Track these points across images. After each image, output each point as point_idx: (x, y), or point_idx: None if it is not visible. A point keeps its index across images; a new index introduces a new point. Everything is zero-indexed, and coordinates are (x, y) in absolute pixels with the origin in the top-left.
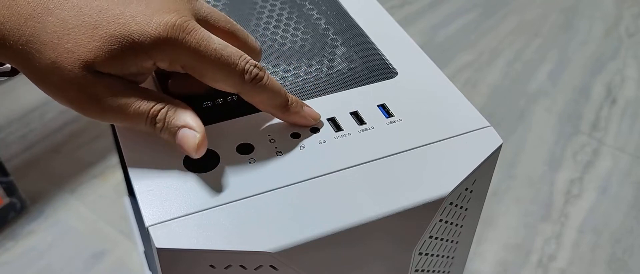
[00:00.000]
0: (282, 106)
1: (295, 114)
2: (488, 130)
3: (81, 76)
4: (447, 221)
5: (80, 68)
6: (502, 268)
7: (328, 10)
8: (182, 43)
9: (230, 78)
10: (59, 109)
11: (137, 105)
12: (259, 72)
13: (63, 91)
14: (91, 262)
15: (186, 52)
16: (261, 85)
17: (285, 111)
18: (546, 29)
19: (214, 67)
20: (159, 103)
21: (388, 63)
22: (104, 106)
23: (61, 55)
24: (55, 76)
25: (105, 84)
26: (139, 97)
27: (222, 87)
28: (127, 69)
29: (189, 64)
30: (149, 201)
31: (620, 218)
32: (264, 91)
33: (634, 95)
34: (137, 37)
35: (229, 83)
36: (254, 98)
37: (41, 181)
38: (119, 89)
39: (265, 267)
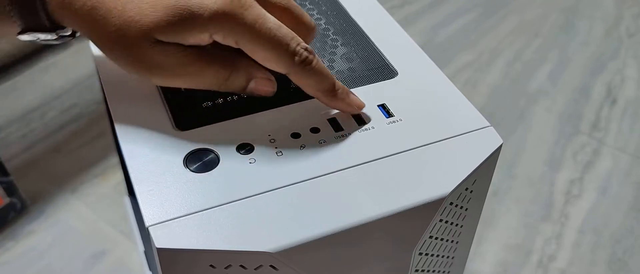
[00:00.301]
0: (329, 90)
1: (341, 101)
2: (488, 130)
3: (143, 44)
4: (447, 221)
5: (142, 37)
6: (502, 268)
7: (328, 11)
8: (238, 18)
9: (280, 59)
10: (60, 108)
11: (201, 70)
12: (309, 55)
13: (127, 58)
14: (91, 262)
15: (241, 28)
16: (310, 68)
17: (331, 96)
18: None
19: (266, 46)
20: (222, 67)
21: (388, 63)
22: (165, 72)
23: (125, 23)
24: (120, 44)
25: (165, 52)
26: (203, 63)
27: (271, 67)
28: (185, 39)
29: (243, 40)
30: (149, 201)
31: (621, 218)
32: (313, 75)
33: (634, 95)
34: (197, 9)
35: (279, 63)
36: (301, 81)
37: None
38: (179, 56)
39: (265, 267)
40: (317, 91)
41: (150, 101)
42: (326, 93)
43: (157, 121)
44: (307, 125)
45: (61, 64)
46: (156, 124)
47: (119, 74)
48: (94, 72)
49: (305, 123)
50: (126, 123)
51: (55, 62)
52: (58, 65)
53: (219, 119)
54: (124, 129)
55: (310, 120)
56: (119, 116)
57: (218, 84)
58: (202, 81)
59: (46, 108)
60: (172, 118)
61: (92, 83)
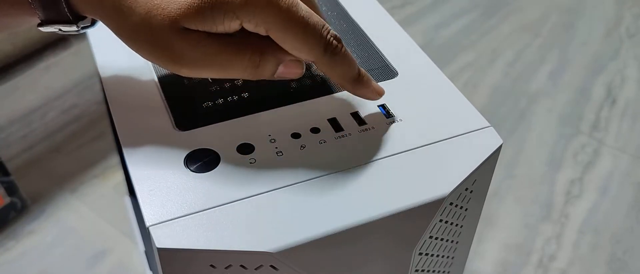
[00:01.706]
0: (355, 78)
1: (366, 88)
2: (488, 130)
3: (170, 33)
4: (447, 221)
5: (169, 25)
6: (502, 268)
7: (328, 11)
8: (273, 6)
9: (312, 47)
10: (61, 108)
11: (230, 59)
12: (338, 44)
13: (153, 48)
14: (92, 262)
15: (275, 16)
16: (339, 57)
17: (356, 83)
18: (547, 30)
19: (298, 34)
20: (252, 54)
21: (388, 63)
22: (193, 62)
23: (151, 11)
24: (145, 33)
25: (192, 41)
26: (232, 51)
27: (300, 55)
28: (213, 27)
29: (274, 28)
30: (149, 201)
31: (621, 218)
32: (341, 63)
33: (634, 95)
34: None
35: (310, 52)
36: (330, 69)
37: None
38: (207, 45)
39: (265, 267)
40: (344, 79)
41: (151, 101)
42: (352, 81)
43: (157, 121)
44: (307, 125)
45: (61, 64)
46: (157, 124)
47: (120, 74)
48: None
49: (305, 123)
50: (127, 123)
51: (55, 62)
52: (58, 66)
53: (219, 119)
54: (124, 129)
55: (310, 120)
56: (119, 116)
57: (248, 72)
58: (232, 71)
59: (47, 108)
60: (172, 118)
61: (93, 83)
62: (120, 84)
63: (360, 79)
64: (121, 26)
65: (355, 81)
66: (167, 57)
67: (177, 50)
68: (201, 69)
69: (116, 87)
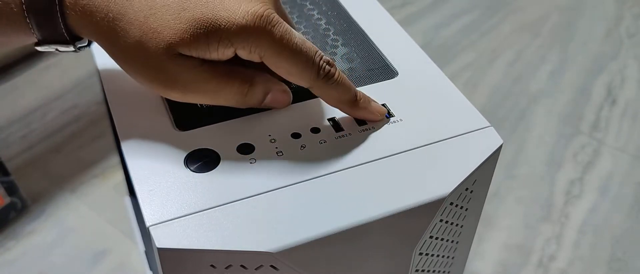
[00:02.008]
0: (351, 101)
1: (364, 110)
2: (488, 130)
3: (165, 57)
4: (448, 221)
5: (164, 49)
6: (502, 268)
7: (329, 11)
8: (267, 34)
9: (305, 73)
10: (61, 109)
11: (220, 87)
12: (331, 69)
13: (145, 71)
14: (92, 262)
15: (269, 44)
16: (333, 81)
17: (353, 106)
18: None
19: (292, 61)
20: (242, 83)
21: (388, 63)
22: (184, 87)
23: (146, 35)
24: (139, 56)
25: (185, 66)
26: (222, 79)
27: (295, 81)
28: (208, 54)
29: (268, 55)
30: (149, 201)
31: (621, 218)
32: (336, 88)
33: (635, 95)
34: (224, 24)
35: (303, 77)
36: (325, 93)
37: (42, 181)
38: (200, 71)
39: (265, 267)
40: (340, 102)
41: (151, 101)
42: (349, 103)
43: (157, 121)
44: (307, 125)
45: (61, 64)
46: (157, 124)
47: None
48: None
49: (306, 123)
50: (127, 123)
51: (55, 62)
52: (58, 66)
53: (219, 119)
54: (124, 129)
55: (310, 120)
56: (119, 116)
57: (236, 100)
58: (222, 98)
59: (46, 108)
60: (172, 118)
61: (93, 83)
62: (120, 84)
63: (357, 102)
64: (115, 47)
65: (352, 104)
66: (160, 81)
67: (171, 75)
68: (191, 94)
69: (116, 87)
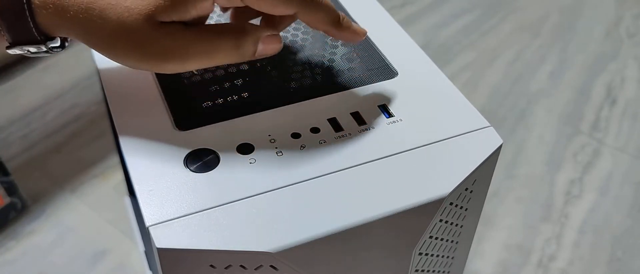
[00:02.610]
0: (335, 21)
1: (347, 30)
2: (488, 130)
3: (148, 29)
4: (447, 221)
5: (143, 23)
6: (502, 268)
7: None
8: None
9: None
10: (61, 108)
11: (212, 45)
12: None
13: (133, 50)
14: (92, 262)
15: None
16: (318, 2)
17: (338, 26)
18: (546, 29)
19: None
20: (232, 36)
21: (388, 63)
22: (177, 55)
23: (123, 15)
24: (122, 37)
25: (171, 33)
26: (212, 36)
27: (282, 10)
28: (188, 13)
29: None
30: (149, 201)
31: (621, 218)
32: (322, 8)
33: (634, 95)
34: None
35: (289, 4)
36: (312, 16)
37: (42, 181)
38: (187, 33)
39: (265, 267)
40: (326, 24)
41: (151, 101)
42: (334, 24)
43: (157, 121)
44: (307, 125)
45: (61, 64)
46: (156, 124)
47: (120, 74)
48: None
49: (305, 123)
50: (127, 123)
51: (55, 62)
52: (58, 66)
53: (219, 119)
54: (124, 129)
55: (310, 120)
56: (119, 116)
57: (231, 55)
58: (216, 56)
59: (46, 108)
60: (172, 118)
61: (92, 83)
62: (120, 84)
63: (341, 22)
64: (97, 37)
65: (336, 24)
66: (150, 55)
67: (160, 46)
68: (185, 60)
69: (116, 87)
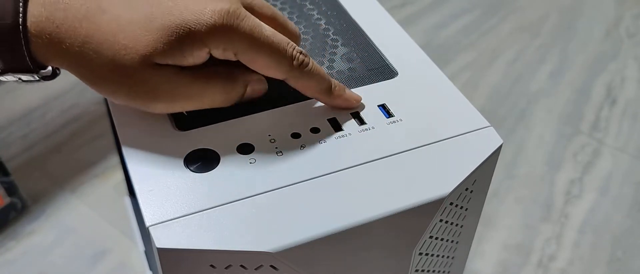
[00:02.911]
0: (327, 90)
1: (339, 97)
2: (488, 130)
3: (143, 69)
4: (447, 221)
5: (139, 63)
6: (502, 268)
7: (328, 11)
8: (236, 30)
9: (280, 64)
10: (60, 108)
11: (203, 89)
12: (305, 58)
13: (125, 88)
14: (92, 262)
15: (240, 39)
16: (308, 70)
17: (329, 94)
18: (546, 29)
19: (265, 54)
20: (223, 81)
21: (388, 63)
22: (168, 96)
23: (119, 53)
24: (115, 75)
25: (164, 75)
26: (203, 81)
27: (271, 74)
28: (184, 59)
29: (242, 51)
30: (149, 201)
31: (621, 218)
32: (311, 77)
33: (634, 95)
34: (193, 26)
35: (278, 69)
36: (301, 83)
37: (42, 181)
38: (180, 77)
39: (265, 267)
40: (316, 92)
41: None
42: (325, 92)
43: (157, 121)
44: (307, 125)
45: None
46: (156, 124)
47: None
48: None
49: (305, 123)
50: (127, 123)
51: None
52: None
53: (219, 119)
54: (124, 129)
55: (310, 120)
56: (119, 116)
57: (221, 99)
58: (207, 100)
59: (46, 108)
60: (172, 118)
61: None
62: None
63: (333, 91)
64: (90, 71)
65: (327, 93)
66: (140, 94)
67: (152, 86)
68: (175, 101)
69: None
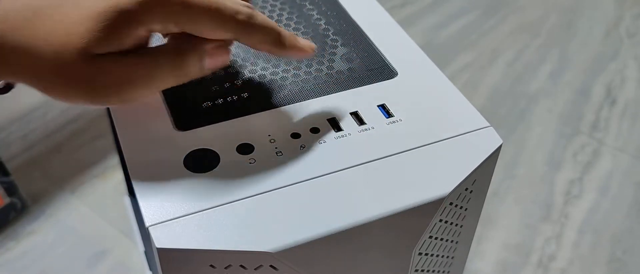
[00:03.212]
0: (278, 41)
1: (292, 47)
2: (488, 130)
3: (83, 65)
4: (447, 221)
5: (79, 56)
6: (502, 268)
7: (328, 11)
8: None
9: (224, 23)
10: (60, 108)
11: (151, 69)
12: (250, 11)
13: (73, 88)
14: (92, 262)
15: (176, 8)
16: (255, 23)
17: (281, 45)
18: (546, 29)
19: (206, 16)
20: (171, 56)
21: (388, 63)
22: (117, 86)
23: (57, 52)
24: (60, 77)
25: (109, 64)
26: (149, 60)
27: (218, 35)
28: (123, 42)
29: (182, 19)
30: (149, 201)
31: (620, 218)
32: (259, 29)
33: (634, 95)
34: (124, 6)
35: (225, 27)
36: (251, 38)
37: (42, 181)
38: (124, 63)
39: (265, 267)
40: (268, 44)
41: (151, 101)
42: (276, 44)
43: (157, 121)
44: (307, 125)
45: None
46: (156, 124)
47: None
48: None
49: (305, 123)
50: (126, 123)
51: None
52: None
53: (219, 119)
54: (124, 129)
55: (310, 120)
56: (119, 116)
57: (174, 76)
58: (158, 81)
59: (46, 108)
60: (172, 118)
61: None
62: None
63: (284, 40)
64: (38, 77)
65: (277, 44)
66: (92, 92)
67: (99, 79)
68: (126, 90)
69: None
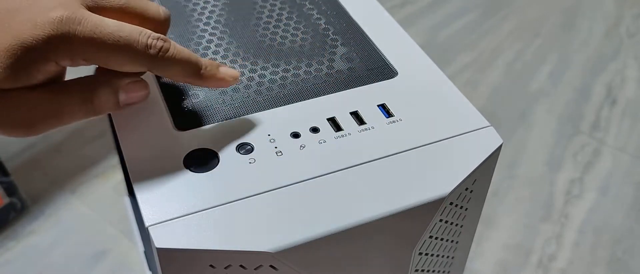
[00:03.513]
0: (196, 73)
1: (212, 78)
2: (488, 130)
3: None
4: (447, 221)
5: None
6: (502, 268)
7: (328, 10)
8: (75, 36)
9: (135, 58)
10: None
11: (61, 104)
12: (163, 44)
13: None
14: (92, 262)
15: (82, 44)
16: (169, 57)
17: (200, 77)
18: (546, 29)
19: (115, 51)
20: (82, 91)
21: (388, 63)
22: (26, 121)
23: None
24: None
25: (16, 99)
26: (59, 95)
27: (130, 69)
28: (33, 78)
29: (90, 55)
30: (148, 201)
31: (620, 218)
32: (174, 62)
33: (634, 95)
34: (30, 43)
35: (136, 63)
36: (165, 72)
37: (42, 181)
38: (33, 98)
39: (265, 267)
40: (184, 76)
41: (150, 101)
42: (194, 76)
43: (157, 121)
44: (307, 125)
45: None
46: (156, 124)
47: None
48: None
49: (305, 123)
50: (126, 123)
51: None
52: None
53: (219, 119)
54: (124, 129)
55: (310, 120)
56: (119, 116)
57: (84, 110)
58: (68, 115)
59: None
60: (171, 118)
61: None
62: None
63: (203, 71)
64: None
65: (197, 76)
66: (2, 126)
67: (10, 114)
68: (37, 125)
69: None
